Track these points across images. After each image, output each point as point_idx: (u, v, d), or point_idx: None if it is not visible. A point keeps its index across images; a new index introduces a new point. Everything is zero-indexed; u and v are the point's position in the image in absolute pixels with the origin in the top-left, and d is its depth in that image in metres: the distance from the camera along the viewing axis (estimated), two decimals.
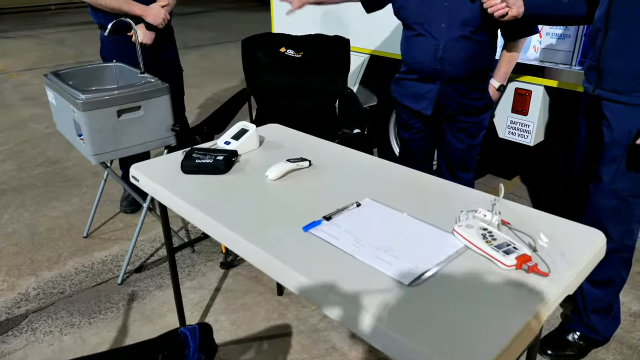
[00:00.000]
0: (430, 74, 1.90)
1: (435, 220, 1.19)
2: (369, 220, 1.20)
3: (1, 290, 2.22)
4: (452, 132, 2.05)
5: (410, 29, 1.90)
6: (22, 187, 3.22)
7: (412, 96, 2.01)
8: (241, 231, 1.18)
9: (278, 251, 1.09)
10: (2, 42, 8.57)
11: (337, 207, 1.27)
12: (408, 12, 1.87)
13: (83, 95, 1.89)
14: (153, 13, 2.41)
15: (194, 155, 1.53)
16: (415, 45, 1.89)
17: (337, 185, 1.42)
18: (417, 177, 1.46)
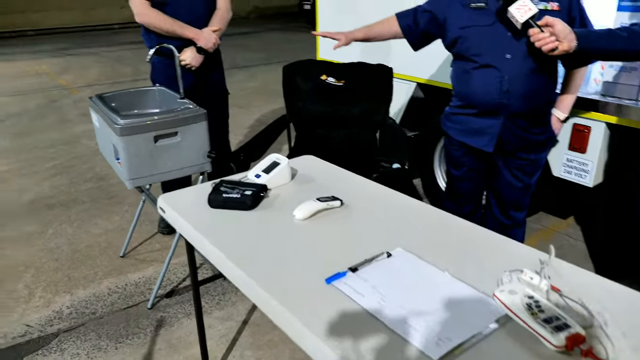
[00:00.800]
0: (493, 108, 1.78)
1: (474, 279, 1.07)
2: (399, 274, 1.09)
3: (37, 307, 2.25)
4: (510, 169, 1.92)
5: (468, 60, 1.79)
6: (70, 202, 3.31)
7: (469, 132, 1.89)
8: (259, 277, 1.11)
9: (295, 304, 1.01)
10: (65, 59, 9.07)
11: (365, 255, 1.17)
12: (467, 44, 1.76)
13: (121, 121, 1.89)
14: (205, 37, 2.43)
15: (222, 188, 1.48)
16: (475, 78, 1.78)
17: (369, 229, 1.32)
18: (457, 225, 1.34)
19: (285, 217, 1.39)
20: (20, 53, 9.80)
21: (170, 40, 2.30)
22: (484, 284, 1.04)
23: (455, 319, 0.94)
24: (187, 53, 2.41)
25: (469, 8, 1.78)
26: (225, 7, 2.57)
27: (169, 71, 2.38)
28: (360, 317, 0.96)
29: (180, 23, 2.37)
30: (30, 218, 3.08)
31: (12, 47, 10.67)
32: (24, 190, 3.49)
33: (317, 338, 0.91)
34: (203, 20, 2.48)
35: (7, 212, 3.16)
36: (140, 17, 2.36)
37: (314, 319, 0.96)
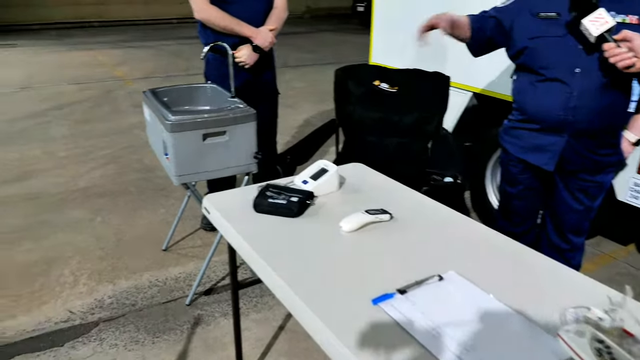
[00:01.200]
0: (557, 125, 1.66)
1: (535, 312, 0.98)
2: (451, 301, 1.02)
3: (81, 294, 2.30)
4: (570, 190, 1.79)
5: (534, 73, 1.68)
6: (118, 191, 3.39)
7: (529, 149, 1.78)
8: (301, 290, 1.07)
9: (338, 325, 0.96)
10: (125, 51, 9.38)
11: (414, 275, 1.10)
12: (534, 55, 1.65)
13: (172, 117, 1.90)
14: (262, 36, 2.42)
15: (267, 193, 1.45)
16: (540, 92, 1.67)
17: (419, 247, 1.25)
18: (515, 249, 1.25)
19: (331, 227, 1.34)
20: (83, 43, 10.22)
21: (226, 38, 2.29)
22: (544, 319, 0.96)
23: (513, 357, 0.86)
24: (242, 51, 2.41)
25: (539, 18, 1.67)
26: (283, 6, 2.55)
27: (222, 69, 2.38)
28: (408, 346, 0.90)
29: (238, 20, 2.37)
30: (81, 205, 3.17)
31: (77, 37, 11.15)
32: (78, 177, 3.61)
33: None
34: (260, 18, 2.47)
35: (62, 198, 3.27)
36: (200, 14, 2.38)
37: (358, 342, 0.91)
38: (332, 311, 1.00)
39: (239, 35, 2.40)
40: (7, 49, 9.48)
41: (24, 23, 12.61)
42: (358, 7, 13.94)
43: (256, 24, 2.44)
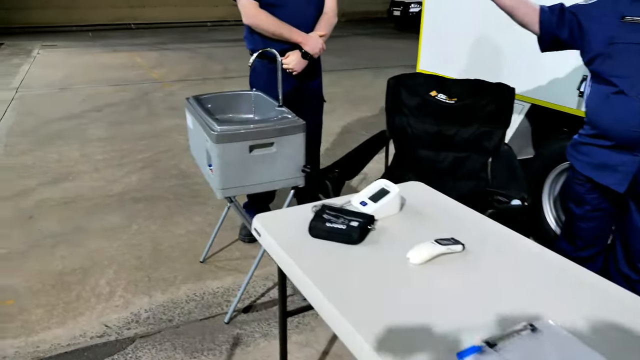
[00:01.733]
0: (632, 143, 1.50)
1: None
2: (551, 359, 0.87)
3: (117, 307, 2.22)
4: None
5: (608, 84, 1.52)
6: (154, 197, 3.32)
7: (599, 167, 1.61)
8: (370, 336, 0.93)
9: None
10: (161, 53, 9.45)
11: (499, 320, 0.96)
12: (611, 63, 1.49)
13: (218, 127, 1.79)
14: (312, 42, 2.31)
15: (324, 216, 1.32)
16: (614, 105, 1.50)
17: (501, 286, 1.10)
18: (617, 293, 1.08)
19: (397, 258, 1.20)
20: (120, 45, 10.37)
21: (274, 44, 2.19)
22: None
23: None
24: (291, 57, 2.30)
25: (623, 21, 1.50)
26: (333, 11, 2.43)
27: (270, 75, 2.28)
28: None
29: (288, 26, 2.26)
30: (117, 210, 3.12)
31: (114, 38, 11.34)
32: (114, 181, 3.57)
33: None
34: (311, 23, 2.36)
35: (98, 203, 3.23)
36: (249, 19, 2.28)
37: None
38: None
39: (288, 41, 2.29)
40: (48, 50, 9.69)
41: (63, 24, 12.92)
42: (394, 11, 13.76)
43: (306, 30, 2.33)
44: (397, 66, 8.34)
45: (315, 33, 2.34)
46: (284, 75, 2.26)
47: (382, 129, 2.31)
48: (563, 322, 0.96)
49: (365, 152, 2.12)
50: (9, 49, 9.84)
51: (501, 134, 2.03)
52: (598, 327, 0.96)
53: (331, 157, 3.99)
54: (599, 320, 0.98)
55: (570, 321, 0.97)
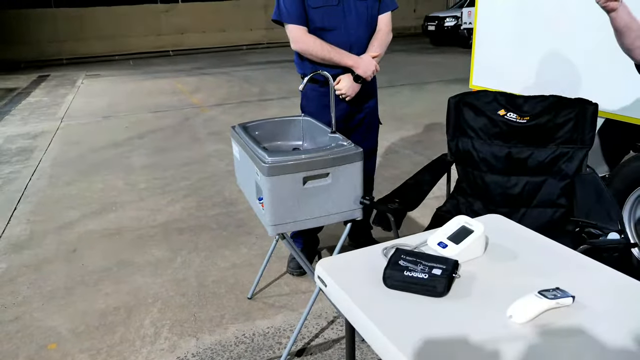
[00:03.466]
0: None
1: None
2: None
3: (162, 350, 2.08)
4: None
5: None
6: (198, 227, 3.22)
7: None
8: None
9: None
10: (199, 77, 9.57)
11: None
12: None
13: (269, 158, 1.65)
14: (364, 65, 2.17)
15: (401, 262, 1.13)
16: None
17: (626, 350, 0.88)
18: None
19: (495, 314, 1.00)
20: (160, 72, 10.59)
21: (325, 68, 2.05)
22: None
23: None
24: (343, 82, 2.16)
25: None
26: (387, 28, 2.28)
27: (322, 100, 2.14)
28: None
29: (338, 50, 2.13)
30: (161, 242, 3.02)
31: (155, 65, 11.61)
32: (157, 211, 3.49)
33: None
34: (364, 44, 2.22)
35: (142, 234, 3.15)
36: (298, 44, 2.15)
37: None
38: None
39: (338, 65, 2.15)
40: (92, 79, 9.98)
41: (105, 54, 13.37)
42: (429, 26, 13.58)
43: (359, 51, 2.19)
44: (437, 81, 8.13)
45: (368, 55, 2.20)
46: (337, 101, 2.12)
47: (429, 147, 2.13)
48: None
49: (427, 179, 1.93)
50: (55, 79, 10.20)
51: (582, 156, 1.80)
52: None
53: (378, 180, 3.80)
54: None
55: None
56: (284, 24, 2.17)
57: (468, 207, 2.00)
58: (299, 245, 2.63)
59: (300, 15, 2.12)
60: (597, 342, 0.92)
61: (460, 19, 12.42)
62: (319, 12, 2.12)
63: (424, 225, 2.39)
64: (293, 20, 2.12)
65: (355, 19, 2.15)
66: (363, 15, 2.18)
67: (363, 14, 2.18)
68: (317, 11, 2.12)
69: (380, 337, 0.97)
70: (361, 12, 2.18)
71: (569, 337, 0.93)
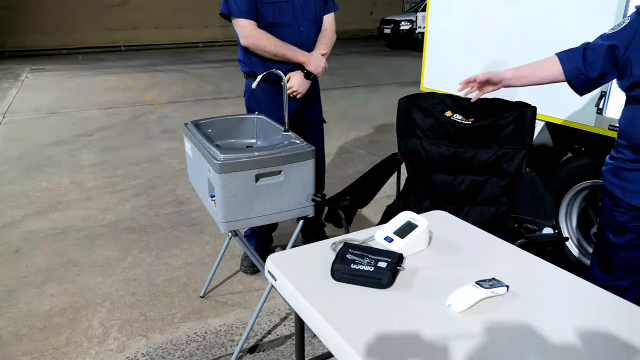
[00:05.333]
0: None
1: None
2: None
3: (111, 351, 2.04)
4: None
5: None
6: (149, 226, 3.16)
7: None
8: None
9: None
10: (153, 74, 9.36)
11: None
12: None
13: (222, 155, 1.65)
14: (315, 62, 2.20)
15: (348, 256, 1.17)
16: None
17: (556, 336, 0.96)
18: None
19: (435, 304, 1.05)
20: (112, 67, 10.27)
21: (274, 65, 2.07)
22: None
23: None
24: (294, 79, 2.18)
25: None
26: (332, 28, 2.33)
27: (271, 99, 2.15)
28: None
29: (290, 46, 2.14)
30: (110, 242, 2.95)
31: (106, 61, 11.24)
32: (106, 210, 3.40)
33: None
34: (313, 41, 2.25)
35: (89, 234, 3.06)
36: (248, 40, 2.15)
37: None
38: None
39: (289, 62, 2.17)
40: (37, 73, 9.55)
41: (52, 48, 12.82)
42: (385, 29, 13.82)
43: (308, 48, 2.22)
44: (391, 84, 8.30)
45: (317, 52, 2.23)
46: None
47: (382, 147, 2.20)
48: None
49: (377, 177, 1.99)
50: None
51: (522, 156, 1.91)
52: None
53: (332, 179, 3.86)
54: None
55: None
56: (233, 18, 2.14)
57: (417, 205, 2.07)
58: (253, 244, 2.63)
59: (250, 10, 2.11)
60: (528, 327, 0.98)
61: (415, 23, 12.72)
62: (270, 7, 2.13)
63: (376, 223, 2.45)
64: (243, 15, 2.10)
65: (305, 16, 2.18)
66: (311, 13, 2.21)
67: (312, 12, 2.21)
68: (268, 6, 2.13)
69: (327, 328, 1.00)
70: (310, 10, 2.21)
71: (503, 323, 1.00)
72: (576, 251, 2.46)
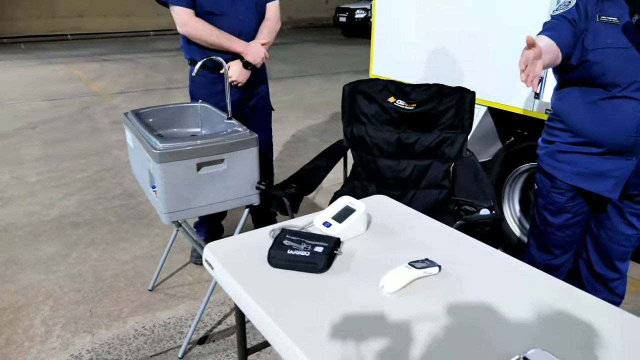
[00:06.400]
0: (626, 148, 1.44)
1: None
2: None
3: (54, 349, 1.97)
4: (623, 216, 1.61)
5: (597, 88, 1.44)
6: (96, 220, 3.06)
7: (589, 175, 1.55)
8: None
9: None
10: (101, 64, 9.01)
11: (489, 352, 0.85)
12: (601, 68, 1.41)
13: (161, 145, 1.61)
14: (253, 51, 2.17)
15: (285, 242, 1.17)
16: (606, 111, 1.44)
17: (482, 313, 0.99)
18: (609, 313, 0.99)
19: (369, 286, 1.07)
20: (57, 57, 9.81)
21: (213, 53, 2.03)
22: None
23: None
24: (233, 68, 2.15)
25: (600, 22, 1.43)
26: (276, 17, 2.30)
27: (212, 86, 2.11)
28: None
29: (227, 35, 2.11)
30: (54, 238, 2.84)
31: (51, 50, 10.73)
32: (50, 205, 3.27)
33: None
34: (253, 31, 2.22)
35: (32, 230, 2.93)
36: (184, 28, 2.10)
37: None
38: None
39: (228, 52, 2.13)
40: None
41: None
42: (340, 18, 13.81)
43: (248, 38, 2.19)
44: (346, 72, 8.32)
45: (257, 41, 2.21)
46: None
47: (336, 135, 2.21)
48: (556, 350, 0.86)
49: (323, 165, 1.99)
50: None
51: (462, 140, 1.96)
52: (595, 351, 0.87)
53: (285, 168, 3.85)
54: (596, 345, 0.89)
55: (563, 348, 0.87)
56: (170, 5, 2.10)
57: (363, 191, 2.09)
58: (202, 235, 2.60)
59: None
60: (458, 305, 1.02)
61: (369, 11, 12.77)
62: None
63: None
64: (179, 2, 2.06)
65: (244, 5, 2.15)
66: (252, 2, 2.18)
67: (252, 1, 2.18)
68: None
69: (263, 316, 1.00)
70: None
71: (434, 303, 1.02)
72: (518, 231, 2.55)
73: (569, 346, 0.89)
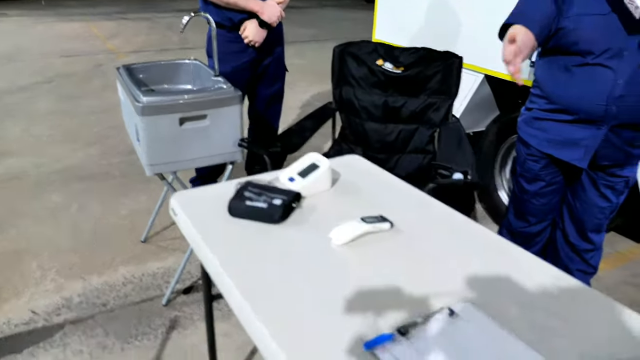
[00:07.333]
0: (597, 117, 1.43)
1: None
2: (467, 346, 0.80)
3: (47, 292, 2.09)
4: (597, 187, 1.61)
5: (572, 55, 1.42)
6: (100, 175, 3.16)
7: (559, 142, 1.55)
8: (272, 323, 0.85)
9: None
10: (118, 22, 9.03)
11: (419, 307, 0.88)
12: (576, 36, 1.39)
13: (144, 98, 1.65)
14: (269, 10, 2.16)
15: (246, 194, 1.21)
16: (578, 79, 1.42)
17: (426, 268, 1.03)
18: (548, 273, 1.02)
19: (319, 238, 1.11)
20: (76, 14, 9.86)
21: (230, 13, 2.04)
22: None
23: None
24: (249, 28, 2.15)
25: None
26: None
27: (228, 46, 2.13)
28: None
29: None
30: (59, 190, 2.95)
31: (71, 7, 10.77)
32: (59, 158, 3.37)
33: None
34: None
35: (39, 181, 3.04)
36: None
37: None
38: (310, 356, 0.78)
39: (244, 11, 2.13)
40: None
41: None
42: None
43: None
44: (363, 38, 8.18)
45: (273, 0, 2.19)
46: (243, 47, 2.16)
47: None
48: (484, 304, 0.89)
49: (309, 126, 2.01)
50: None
51: (448, 106, 1.95)
52: (523, 308, 0.89)
53: None
54: (528, 303, 0.91)
55: (493, 303, 0.90)
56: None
57: (350, 153, 2.10)
58: None
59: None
60: (403, 259, 1.05)
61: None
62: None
63: None
64: None
65: None
66: None
67: None
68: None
69: (212, 259, 1.05)
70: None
71: (381, 256, 1.06)
72: (507, 200, 2.55)
73: (506, 305, 0.91)
